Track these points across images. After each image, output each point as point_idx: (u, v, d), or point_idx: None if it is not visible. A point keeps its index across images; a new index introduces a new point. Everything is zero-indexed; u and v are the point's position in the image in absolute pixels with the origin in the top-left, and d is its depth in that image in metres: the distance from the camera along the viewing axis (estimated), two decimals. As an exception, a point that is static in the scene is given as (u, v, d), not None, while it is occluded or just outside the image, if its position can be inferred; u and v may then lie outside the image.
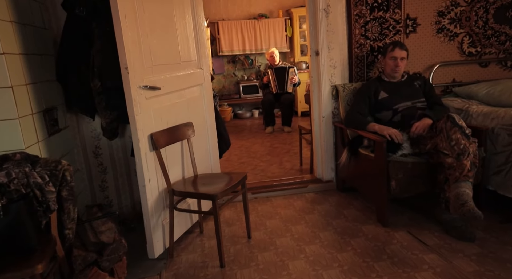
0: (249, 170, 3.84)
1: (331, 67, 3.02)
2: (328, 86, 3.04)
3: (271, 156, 4.35)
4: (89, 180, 2.75)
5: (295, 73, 5.61)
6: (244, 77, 7.14)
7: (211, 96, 2.84)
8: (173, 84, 2.34)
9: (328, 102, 3.07)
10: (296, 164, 3.94)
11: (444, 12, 3.01)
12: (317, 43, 2.98)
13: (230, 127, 6.26)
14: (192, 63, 2.58)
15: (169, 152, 2.30)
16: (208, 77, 2.78)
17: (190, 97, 2.55)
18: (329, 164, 3.18)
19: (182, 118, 2.43)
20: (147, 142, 2.08)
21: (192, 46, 2.57)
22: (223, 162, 4.14)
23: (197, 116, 2.63)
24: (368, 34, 2.99)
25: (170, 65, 2.33)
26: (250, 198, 3.08)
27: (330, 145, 3.15)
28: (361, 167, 2.70)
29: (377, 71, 3.07)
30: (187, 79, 2.50)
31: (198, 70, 2.65)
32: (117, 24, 1.86)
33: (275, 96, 5.69)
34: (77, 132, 2.65)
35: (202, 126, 2.70)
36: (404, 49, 2.69)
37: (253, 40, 6.89)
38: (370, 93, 2.75)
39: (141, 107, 2.02)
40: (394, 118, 2.66)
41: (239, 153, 4.56)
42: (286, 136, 5.32)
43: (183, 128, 2.38)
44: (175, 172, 2.37)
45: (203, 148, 2.71)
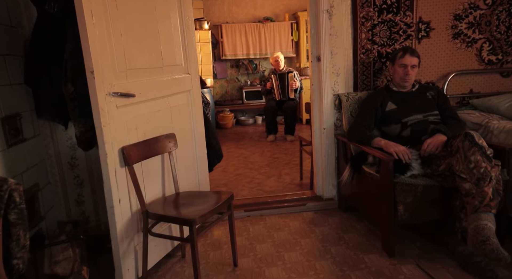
0: (245, 183, 3.56)
1: (333, 75, 2.75)
2: (330, 95, 2.76)
3: (270, 167, 4.07)
4: (63, 194, 2.50)
5: (295, 77, 5.33)
6: (247, 82, 6.89)
7: (200, 104, 2.58)
8: (153, 91, 2.08)
9: (330, 113, 2.79)
10: (296, 177, 3.65)
11: (462, 15, 2.71)
12: (319, 47, 2.71)
13: (230, 135, 6.00)
14: (177, 67, 2.33)
15: (146, 166, 2.04)
16: (197, 83, 2.52)
17: (175, 105, 2.29)
18: (330, 180, 2.89)
19: (163, 129, 2.17)
20: (118, 156, 1.82)
21: (178, 49, 2.31)
22: (218, 173, 3.87)
23: (182, 126, 2.37)
24: (376, 38, 2.71)
25: (150, 69, 2.07)
26: (242, 216, 2.81)
27: (331, 159, 2.86)
28: (364, 186, 2.40)
29: (385, 79, 2.78)
30: (171, 86, 2.25)
31: (184, 76, 2.39)
32: (81, 21, 1.61)
33: (278, 103, 5.42)
34: (51, 142, 2.41)
35: (188, 137, 2.44)
36: (415, 55, 2.40)
37: (258, 44, 6.64)
38: (376, 104, 2.47)
39: (110, 117, 1.76)
40: (403, 133, 2.37)
41: (237, 163, 4.29)
42: (288, 146, 5.04)
43: (163, 141, 2.12)
44: (153, 189, 2.11)
45: (188, 161, 2.44)
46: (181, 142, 2.34)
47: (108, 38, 1.76)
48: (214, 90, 6.85)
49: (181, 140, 2.33)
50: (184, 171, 2.38)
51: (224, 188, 3.46)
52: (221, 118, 6.45)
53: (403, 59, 2.40)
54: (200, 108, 2.57)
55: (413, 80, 2.46)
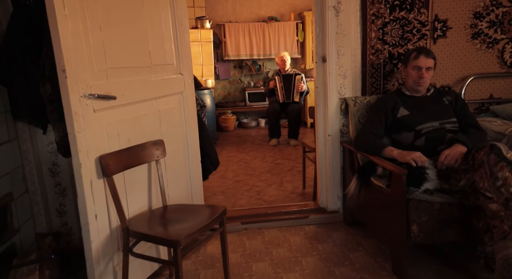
0: (244, 191, 3.34)
1: (340, 77, 2.52)
2: (336, 99, 2.54)
3: (272, 174, 3.84)
4: (44, 203, 2.30)
5: (302, 80, 5.10)
6: (250, 83, 6.68)
7: (194, 107, 2.37)
8: (139, 93, 1.87)
9: (335, 118, 2.56)
10: (299, 185, 3.43)
11: (482, 13, 2.48)
12: (325, 47, 2.49)
13: (232, 138, 5.79)
14: (168, 67, 2.12)
15: (130, 177, 1.83)
16: (190, 85, 2.31)
17: (165, 108, 2.08)
18: (335, 191, 2.66)
19: (151, 134, 1.96)
20: (95, 166, 1.61)
21: (169, 47, 2.11)
22: (216, 179, 3.66)
23: (173, 131, 2.16)
24: (387, 38, 2.48)
25: (136, 69, 1.86)
26: (239, 228, 2.59)
27: (337, 168, 2.63)
28: (373, 201, 2.17)
29: (396, 83, 2.55)
30: (161, 87, 2.04)
31: (176, 76, 2.18)
32: (51, 13, 1.40)
33: (282, 106, 5.20)
34: (30, 146, 2.21)
35: (179, 144, 2.23)
36: (431, 57, 2.17)
37: (262, 44, 6.43)
38: (387, 110, 2.24)
39: (85, 122, 1.55)
40: (417, 142, 2.14)
41: (237, 169, 4.07)
42: (291, 151, 4.81)
43: (150, 148, 1.91)
44: (138, 202, 1.90)
45: (180, 170, 2.23)
46: (172, 148, 2.13)
47: (84, 33, 1.55)
48: (216, 92, 6.65)
49: (171, 146, 2.12)
50: (174, 181, 2.17)
51: (221, 196, 3.24)
52: (222, 121, 6.24)
53: (417, 61, 2.17)
54: (194, 112, 2.36)
55: (428, 84, 2.23)
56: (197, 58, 5.36)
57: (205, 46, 5.36)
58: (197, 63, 5.38)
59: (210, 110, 5.06)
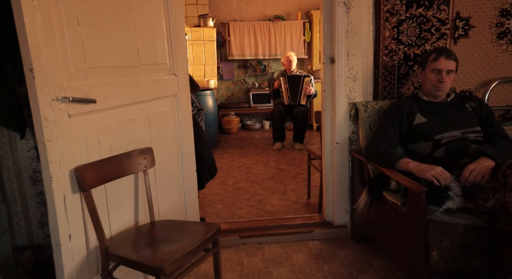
0: (244, 200, 3.13)
1: (350, 79, 2.30)
2: (345, 103, 2.32)
3: (275, 181, 3.63)
4: (24, 214, 2.11)
5: (311, 83, 4.89)
6: (255, 84, 6.47)
7: (189, 110, 2.16)
8: (125, 95, 1.67)
9: (344, 125, 2.35)
10: (303, 194, 3.21)
11: (510, 10, 2.24)
12: (333, 47, 2.27)
13: (235, 140, 5.58)
14: (160, 67, 1.92)
15: (113, 190, 1.63)
16: (185, 86, 2.10)
17: (155, 112, 1.88)
18: (342, 204, 2.44)
19: (139, 142, 1.76)
20: (69, 179, 1.41)
21: (161, 45, 1.90)
22: (215, 186, 3.45)
23: (165, 138, 1.96)
24: (402, 37, 2.25)
25: (121, 68, 1.66)
26: (237, 243, 2.38)
27: (344, 179, 2.41)
28: (386, 218, 1.95)
29: (411, 86, 2.33)
30: (151, 89, 1.84)
31: (169, 77, 1.98)
32: (16, 3, 1.21)
33: (287, 108, 4.98)
34: (9, 152, 2.03)
35: (172, 151, 2.02)
36: (452, 58, 1.95)
37: (267, 44, 6.21)
38: (402, 117, 2.02)
39: (58, 129, 1.35)
40: (435, 153, 1.92)
41: (238, 175, 3.86)
42: (296, 156, 4.59)
43: (136, 157, 1.70)
44: (122, 217, 1.70)
45: (172, 180, 2.03)
46: (163, 157, 1.93)
47: (58, 27, 1.35)
48: (219, 92, 6.45)
49: (162, 154, 1.92)
50: (166, 192, 1.96)
51: (220, 205, 3.03)
52: (225, 123, 6.04)
53: (436, 63, 1.95)
54: (189, 116, 2.16)
55: (448, 88, 2.01)
56: (200, 58, 5.17)
57: (208, 45, 5.16)
58: (200, 63, 5.19)
59: (212, 112, 4.87)
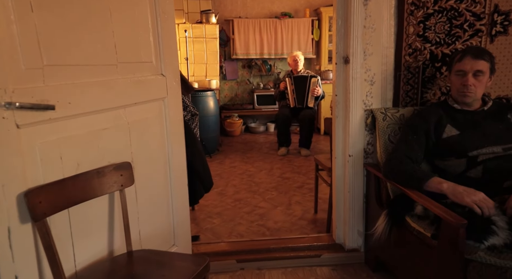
0: (244, 214, 2.83)
1: (366, 83, 1.99)
2: (360, 110, 2.01)
3: (278, 191, 3.33)
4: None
5: (318, 83, 4.57)
6: (260, 85, 6.16)
7: (181, 116, 1.87)
8: (97, 100, 1.38)
9: (359, 134, 2.04)
10: (309, 209, 2.90)
11: (557, 3, 1.92)
12: (348, 45, 1.96)
13: (237, 144, 5.28)
14: (144, 66, 1.63)
15: (80, 214, 1.34)
16: (175, 89, 1.81)
17: (137, 119, 1.59)
18: (355, 225, 2.13)
19: (115, 155, 1.47)
20: (16, 207, 1.12)
21: (145, 40, 1.61)
22: (214, 196, 3.16)
23: (149, 149, 1.67)
24: (429, 34, 1.94)
25: (92, 67, 1.37)
26: (233, 268, 2.08)
27: (358, 197, 2.10)
28: (409, 249, 1.65)
29: (438, 91, 2.01)
30: (132, 91, 1.55)
31: (155, 77, 1.69)
32: None
33: (293, 111, 4.67)
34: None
35: (158, 165, 1.73)
36: (482, 58, 1.63)
37: (273, 42, 5.90)
38: (428, 127, 1.71)
39: (0, 143, 1.07)
40: (471, 172, 1.61)
41: (239, 183, 3.57)
42: (302, 162, 4.29)
43: (110, 174, 1.41)
44: (92, 247, 1.41)
45: (158, 199, 1.74)
46: (146, 172, 1.64)
47: (3, 13, 1.06)
48: (222, 93, 6.15)
49: (146, 169, 1.63)
50: (150, 213, 1.68)
51: (218, 219, 2.74)
52: (228, 125, 5.75)
53: (460, 64, 1.65)
54: (180, 123, 1.87)
55: (479, 94, 1.69)
56: (201, 56, 4.88)
57: (210, 43, 4.87)
58: (201, 61, 4.90)
59: (213, 114, 4.58)
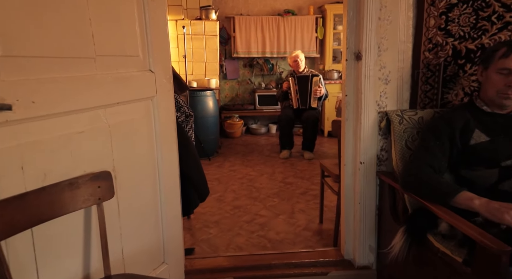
0: (244, 223, 2.62)
1: (380, 81, 1.78)
2: (373, 112, 1.80)
3: (281, 198, 3.12)
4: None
5: (320, 83, 4.35)
6: (261, 84, 5.95)
7: (173, 117, 1.67)
8: (69, 98, 1.18)
9: (371, 140, 1.83)
10: (314, 217, 2.69)
11: None
12: (360, 39, 1.75)
13: (238, 146, 5.08)
14: (129, 60, 1.42)
15: (48, 234, 1.14)
16: (166, 87, 1.60)
17: (121, 121, 1.39)
18: (366, 240, 1.92)
19: (92, 163, 1.27)
20: (-38, 229, 0.92)
21: (130, 30, 1.41)
22: (211, 203, 2.95)
23: (134, 155, 1.46)
24: (452, 27, 1.73)
25: (63, 60, 1.17)
26: (230, 287, 1.87)
27: (370, 209, 1.89)
28: (431, 272, 1.44)
29: (461, 92, 1.80)
30: (113, 89, 1.34)
31: (142, 74, 1.48)
32: None
33: (296, 112, 4.46)
34: None
35: (145, 173, 1.53)
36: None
37: (276, 41, 5.69)
38: (453, 133, 1.50)
39: None
40: (503, 185, 1.41)
41: (238, 189, 3.36)
42: (306, 166, 4.07)
43: (85, 186, 1.21)
44: (64, 270, 1.21)
45: (144, 213, 1.53)
46: (131, 181, 1.44)
47: None
48: (223, 92, 5.95)
49: (130, 178, 1.43)
50: (135, 227, 1.47)
51: (215, 229, 2.53)
52: (228, 126, 5.54)
53: (506, 60, 1.42)
54: (172, 125, 1.66)
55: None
56: (200, 54, 4.67)
57: (210, 41, 4.66)
58: (200, 60, 4.69)
59: (213, 114, 4.37)
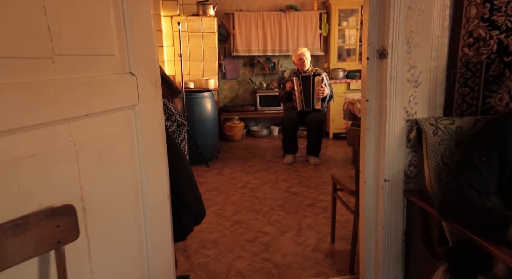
0: (245, 242, 2.33)
1: (410, 84, 1.49)
2: (400, 120, 1.51)
3: (286, 211, 2.83)
4: None
5: (323, 82, 4.05)
6: (263, 84, 5.66)
7: (160, 129, 1.37)
8: (14, 111, 0.88)
9: (397, 153, 1.54)
10: (325, 236, 2.40)
11: None
12: (385, 33, 1.46)
13: (238, 150, 4.78)
14: (102, 60, 1.13)
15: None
16: (151, 92, 1.31)
17: (92, 137, 1.10)
18: (391, 270, 1.63)
19: (50, 194, 0.98)
20: None
21: (102, 23, 1.11)
22: (210, 217, 2.65)
23: (109, 180, 1.17)
24: (498, 17, 1.43)
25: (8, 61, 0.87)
26: (231, 327, 1.58)
27: (396, 234, 1.60)
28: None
29: (507, 95, 1.50)
30: (81, 98, 1.05)
31: (120, 77, 1.19)
32: None
33: (300, 114, 4.17)
34: None
35: (124, 200, 1.23)
36: None
37: (278, 38, 5.39)
38: (505, 147, 1.22)
39: None
40: None
41: (239, 200, 3.07)
42: (311, 172, 3.78)
43: (38, 227, 0.91)
44: None
45: (124, 248, 1.24)
46: (106, 212, 1.15)
47: None
48: (222, 93, 5.65)
49: (105, 208, 1.14)
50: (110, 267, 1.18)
51: (212, 250, 2.24)
52: (228, 129, 5.25)
53: None
54: (160, 139, 1.37)
55: None
56: (198, 53, 4.37)
57: (208, 38, 4.36)
58: (198, 59, 4.39)
59: (211, 117, 4.08)
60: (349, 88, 5.26)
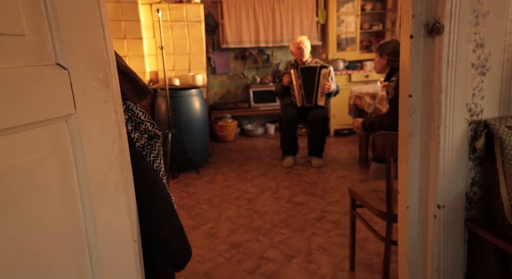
0: (244, 275, 1.89)
1: (475, 70, 1.05)
2: (460, 122, 1.07)
3: (291, 228, 2.39)
4: None
5: (330, 76, 3.62)
6: (256, 79, 5.20)
7: (116, 149, 0.91)
8: None
9: (456, 168, 1.10)
10: (342, 261, 1.97)
11: None
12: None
13: (231, 152, 4.33)
14: (3, 44, 0.66)
15: None
16: (98, 95, 0.85)
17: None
18: (445, 326, 1.20)
19: None
20: None
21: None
22: (201, 239, 2.19)
23: (28, 237, 0.71)
24: None
25: None
26: None
27: (455, 274, 1.17)
28: None
29: None
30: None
31: (38, 72, 0.72)
32: None
33: (300, 111, 3.73)
34: None
35: (58, 262, 0.78)
36: None
37: (271, 28, 4.93)
38: None
39: None
40: None
41: (235, 215, 2.62)
42: (315, 177, 3.35)
43: None
44: None
45: None
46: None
47: None
48: (212, 89, 5.19)
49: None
50: None
51: (205, 287, 1.79)
52: (219, 129, 4.79)
53: None
54: (116, 163, 0.91)
55: None
56: (183, 45, 3.89)
57: (193, 28, 3.87)
58: (183, 52, 3.91)
59: (200, 118, 3.62)
60: (350, 80, 4.83)
